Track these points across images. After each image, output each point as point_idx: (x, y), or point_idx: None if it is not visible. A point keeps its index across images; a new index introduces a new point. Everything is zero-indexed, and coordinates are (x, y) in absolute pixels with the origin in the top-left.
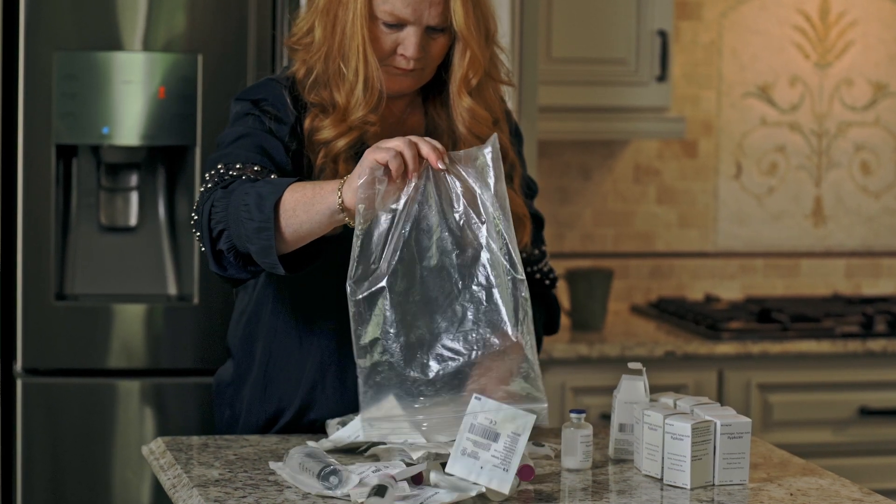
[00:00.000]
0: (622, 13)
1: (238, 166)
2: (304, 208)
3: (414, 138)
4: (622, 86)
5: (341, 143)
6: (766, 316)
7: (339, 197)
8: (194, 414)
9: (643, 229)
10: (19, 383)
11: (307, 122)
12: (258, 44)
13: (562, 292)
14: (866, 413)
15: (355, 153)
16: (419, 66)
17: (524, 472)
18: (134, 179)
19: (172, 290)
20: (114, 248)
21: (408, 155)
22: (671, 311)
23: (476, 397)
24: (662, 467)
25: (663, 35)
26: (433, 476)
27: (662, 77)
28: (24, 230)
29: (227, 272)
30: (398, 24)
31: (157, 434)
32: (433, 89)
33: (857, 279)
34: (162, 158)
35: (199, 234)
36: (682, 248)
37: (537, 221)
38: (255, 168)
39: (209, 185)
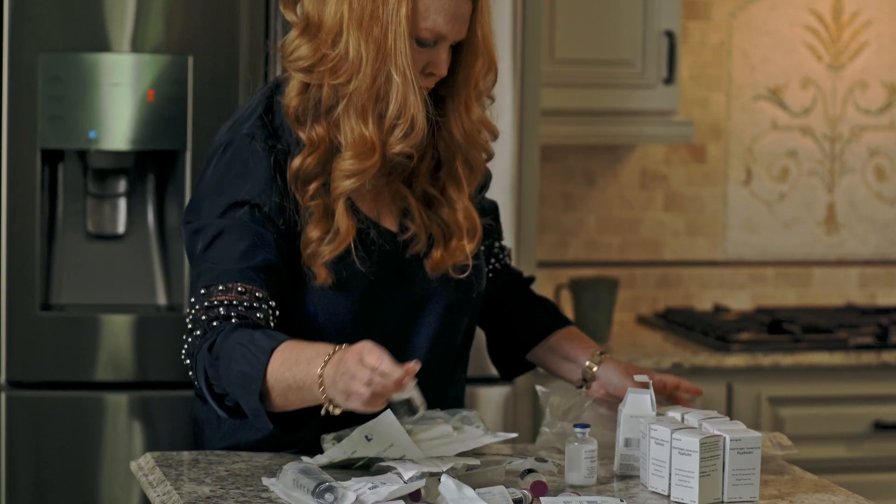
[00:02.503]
0: (628, 13)
1: (220, 295)
2: (294, 397)
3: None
4: (628, 88)
5: (348, 183)
6: (776, 327)
7: (327, 402)
8: (184, 428)
9: (650, 237)
10: (3, 396)
11: (297, 162)
12: (250, 45)
13: (565, 302)
14: (881, 427)
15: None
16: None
17: (537, 488)
18: (122, 185)
19: (162, 299)
20: (101, 256)
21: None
22: (679, 322)
23: None
24: (669, 484)
25: (671, 36)
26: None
27: (670, 79)
28: (8, 238)
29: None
30: (433, 42)
31: (145, 449)
32: None
33: (872, 289)
34: (151, 164)
35: (196, 383)
36: (690, 257)
37: (494, 212)
38: (240, 289)
39: (196, 332)
